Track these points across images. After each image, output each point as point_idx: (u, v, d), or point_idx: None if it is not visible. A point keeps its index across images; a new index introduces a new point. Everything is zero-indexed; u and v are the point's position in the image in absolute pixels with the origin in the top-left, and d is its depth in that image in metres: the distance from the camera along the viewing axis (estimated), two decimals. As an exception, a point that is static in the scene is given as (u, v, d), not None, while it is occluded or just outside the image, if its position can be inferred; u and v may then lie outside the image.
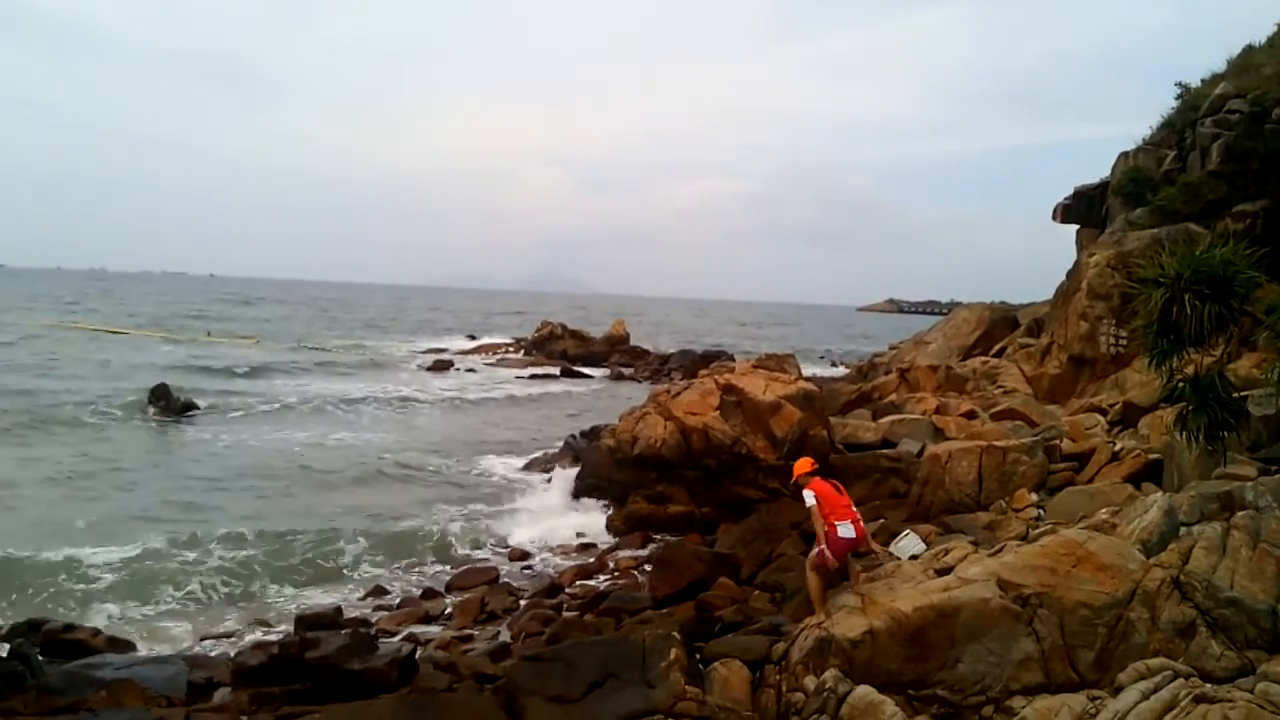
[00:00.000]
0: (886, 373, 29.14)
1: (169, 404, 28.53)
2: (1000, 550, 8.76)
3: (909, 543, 11.40)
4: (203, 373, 39.32)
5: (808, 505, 9.24)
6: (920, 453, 16.92)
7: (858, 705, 7.26)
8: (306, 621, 11.79)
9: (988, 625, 7.69)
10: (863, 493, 16.66)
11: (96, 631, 11.27)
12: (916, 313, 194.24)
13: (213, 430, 26.60)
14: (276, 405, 31.79)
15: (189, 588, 13.39)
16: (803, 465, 9.74)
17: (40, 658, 9.96)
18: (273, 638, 11.17)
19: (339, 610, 12.39)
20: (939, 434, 18.63)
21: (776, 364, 25.35)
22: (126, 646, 11.19)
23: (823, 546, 8.99)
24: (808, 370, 37.27)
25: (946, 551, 9.26)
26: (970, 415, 19.91)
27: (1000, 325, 32.57)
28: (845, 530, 9.04)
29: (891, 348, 43.26)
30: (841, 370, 50.65)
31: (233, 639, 11.73)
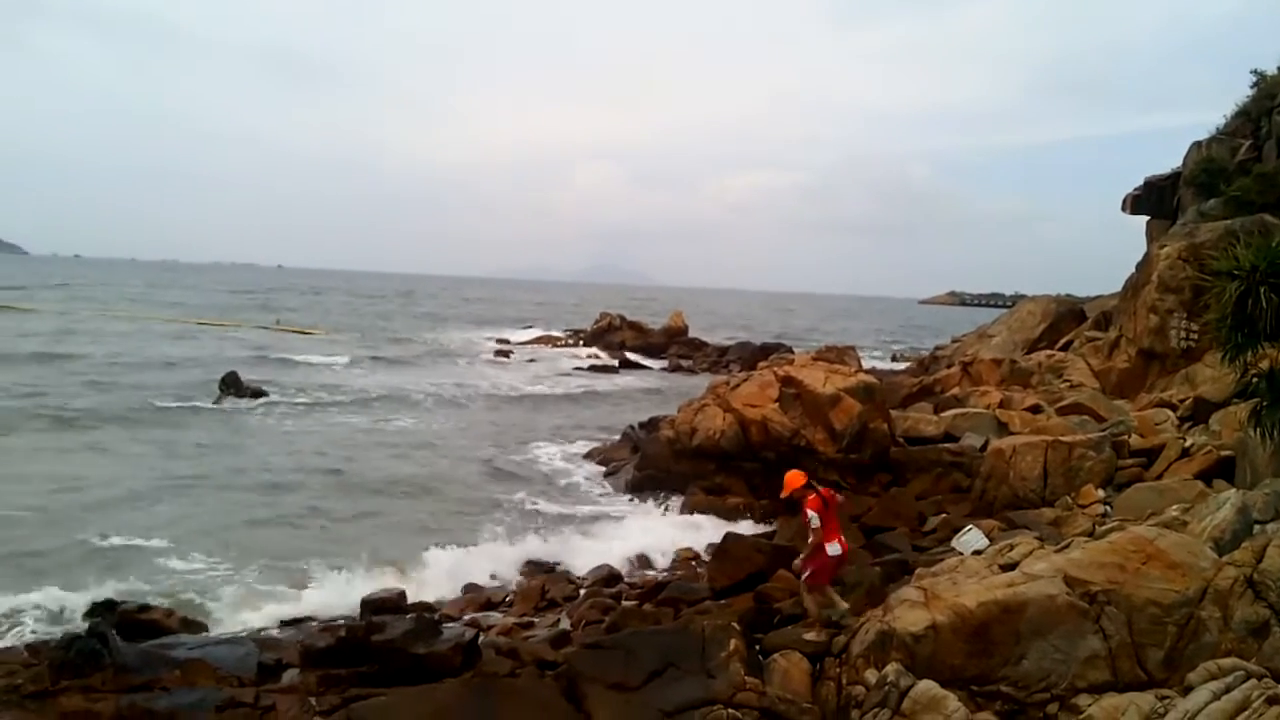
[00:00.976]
0: (949, 366, 28.80)
1: (239, 391, 29.27)
2: (1067, 546, 8.64)
3: (972, 538, 11.31)
4: (271, 361, 40.23)
5: (812, 525, 9.10)
6: (983, 447, 16.71)
7: (920, 700, 7.22)
8: (372, 605, 12.03)
9: (1054, 622, 7.59)
10: (924, 487, 16.54)
11: (170, 612, 11.58)
12: (979, 305, 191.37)
13: (280, 416, 27.25)
14: (341, 393, 32.39)
15: (261, 569, 13.71)
16: (797, 478, 9.47)
17: (117, 637, 10.32)
18: (340, 621, 11.42)
19: (403, 595, 12.62)
20: (1003, 428, 18.39)
21: (836, 356, 25.21)
22: (199, 627, 11.50)
23: (813, 568, 9.15)
24: (868, 363, 37.02)
25: (1011, 547, 9.16)
26: (1035, 410, 19.60)
27: (1066, 318, 31.93)
28: (833, 549, 9.14)
29: (953, 340, 42.64)
30: (902, 363, 50.12)
31: (303, 621, 11.98)
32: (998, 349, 30.67)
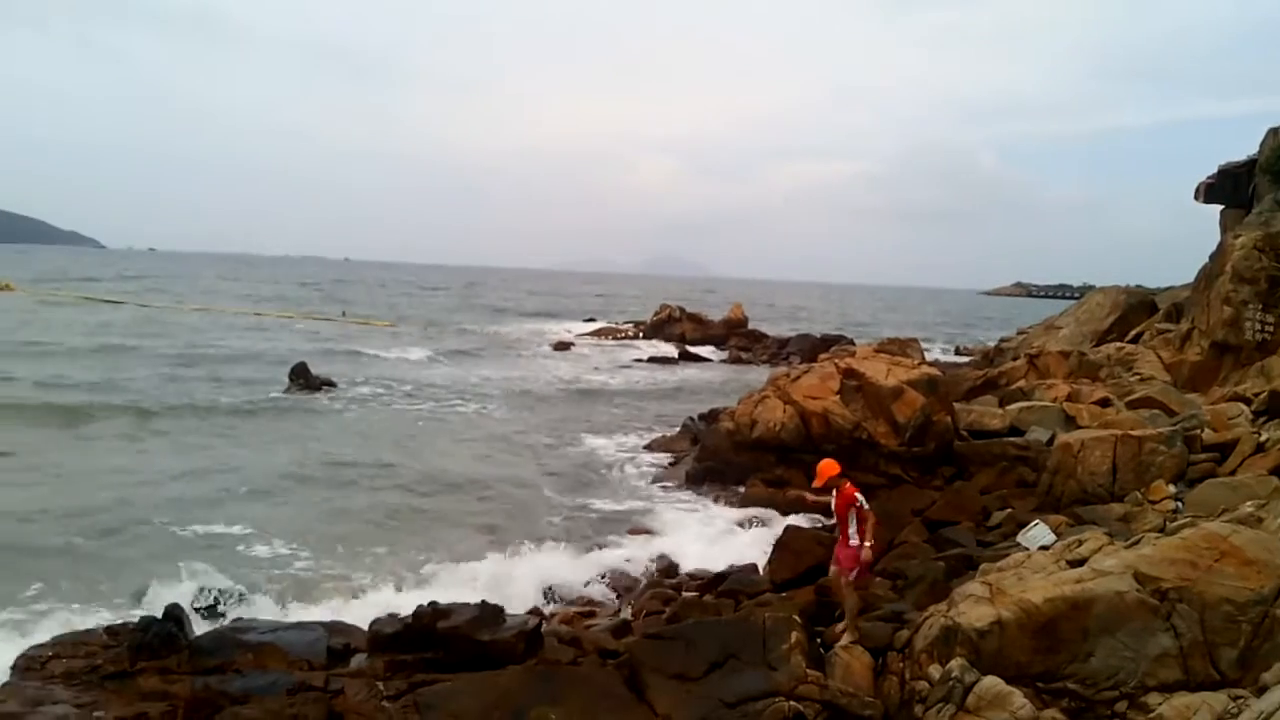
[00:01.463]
0: (1014, 358, 28.34)
1: (307, 381, 29.90)
2: (1137, 542, 8.48)
3: (1038, 533, 11.16)
4: (338, 353, 41.04)
5: (865, 509, 9.08)
6: (1050, 441, 16.44)
7: (985, 696, 7.15)
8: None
9: (1123, 619, 7.47)
10: (988, 481, 16.32)
11: (242, 596, 11.91)
12: (1046, 296, 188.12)
13: (347, 406, 27.84)
14: (406, 385, 32.94)
15: (332, 559, 14.03)
16: (833, 466, 9.45)
17: (191, 621, 10.64)
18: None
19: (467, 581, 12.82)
20: (1070, 422, 18.07)
21: (899, 348, 24.98)
22: (271, 612, 11.80)
23: (858, 565, 9.08)
24: (931, 355, 36.54)
25: (1079, 543, 9.01)
26: (1104, 403, 19.21)
27: (1137, 310, 31.22)
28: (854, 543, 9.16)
29: (1019, 332, 41.98)
30: (966, 356, 49.42)
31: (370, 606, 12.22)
32: (1065, 341, 30.14)
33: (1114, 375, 22.91)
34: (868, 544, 9.04)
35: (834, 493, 9.26)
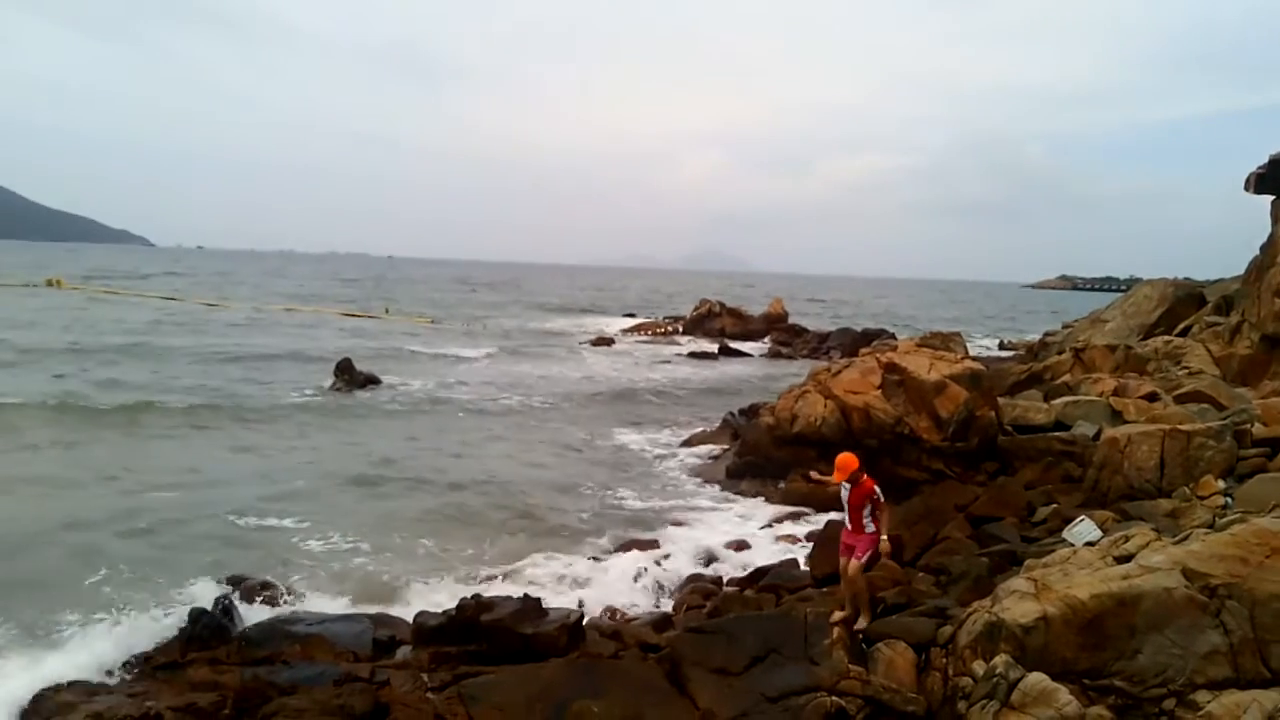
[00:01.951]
0: (1059, 352, 27.99)
1: (352, 377, 30.21)
2: (1186, 538, 8.36)
3: (1084, 529, 11.03)
4: (382, 350, 41.49)
5: (882, 501, 9.38)
6: (1096, 436, 16.23)
7: (1030, 692, 7.09)
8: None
9: (1171, 616, 7.37)
10: (1033, 476, 16.15)
11: (290, 589, 12.10)
12: (1092, 289, 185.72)
13: (391, 402, 28.11)
14: (449, 381, 33.30)
15: (375, 547, 14.23)
16: (854, 460, 9.63)
17: (240, 612, 10.84)
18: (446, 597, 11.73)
19: (508, 575, 12.94)
20: (1117, 417, 17.83)
21: (941, 342, 24.77)
22: (318, 604, 11.98)
23: (872, 553, 9.33)
24: (974, 349, 36.19)
25: (1126, 539, 8.88)
26: (1151, 397, 18.92)
27: (1185, 302, 30.67)
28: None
29: (1065, 326, 41.43)
30: (1010, 350, 48.86)
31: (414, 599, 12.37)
32: (1112, 335, 29.71)
33: (1162, 369, 22.55)
34: (884, 535, 9.36)
35: (849, 486, 9.48)
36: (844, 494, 9.54)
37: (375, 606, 11.88)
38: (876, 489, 9.37)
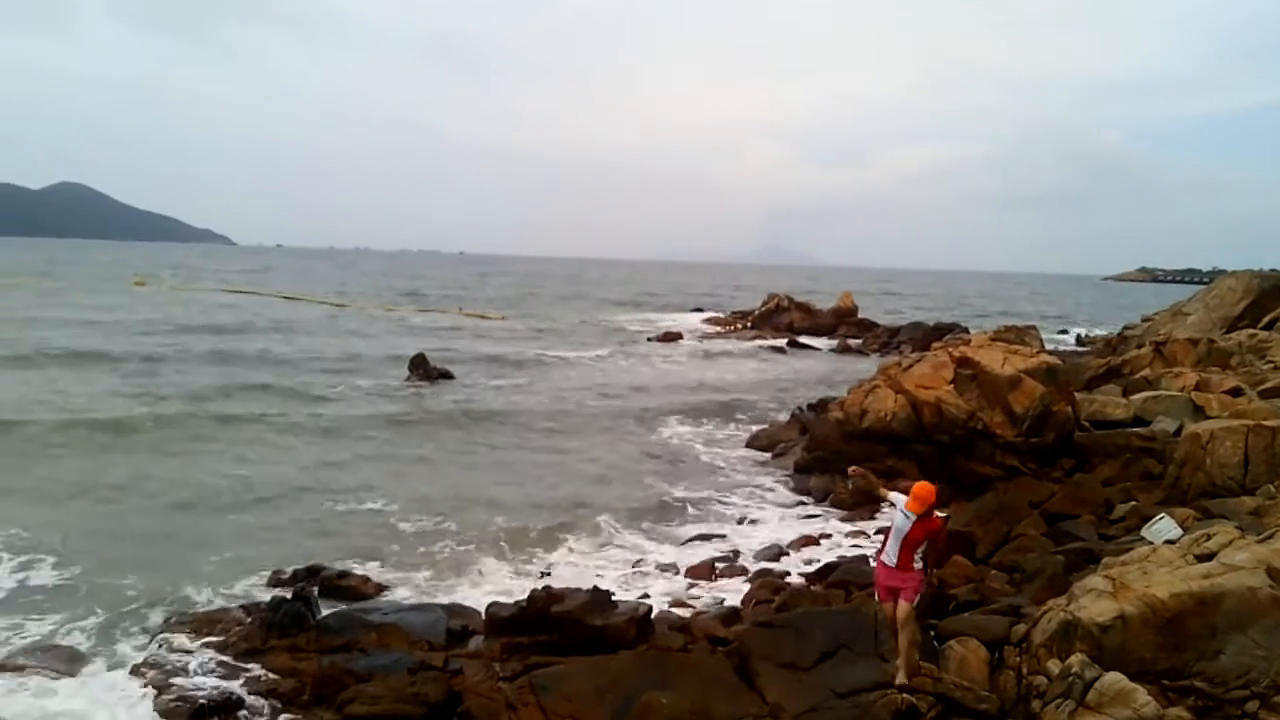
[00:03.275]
0: (1139, 346, 27.32)
1: (426, 372, 30.73)
2: (1270, 537, 8.13)
3: (1163, 526, 10.79)
4: (455, 344, 42.16)
5: (944, 537, 8.22)
6: (1177, 432, 15.83)
7: (1106, 692, 6.96)
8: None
9: (1255, 616, 7.18)
10: (1111, 473, 15.82)
11: (366, 579, 12.39)
12: (1173, 281, 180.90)
13: (465, 395, 28.58)
14: (521, 374, 33.85)
15: (450, 534, 14.53)
16: (934, 492, 8.15)
17: (319, 601, 11.13)
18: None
19: (578, 566, 13.10)
20: (1199, 412, 17.40)
21: (1016, 336, 24.32)
22: (393, 593, 12.25)
23: (920, 590, 8.12)
24: (1050, 343, 35.45)
25: (1208, 537, 8.66)
26: (1235, 392, 18.40)
27: (1271, 295, 29.73)
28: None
29: (1144, 319, 40.41)
30: (1088, 344, 47.76)
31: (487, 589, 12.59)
32: (1194, 328, 28.93)
33: (1246, 363, 21.92)
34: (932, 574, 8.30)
35: (913, 518, 8.03)
36: (904, 525, 8.05)
37: (447, 595, 12.12)
38: (946, 527, 8.22)
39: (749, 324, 59.12)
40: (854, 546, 14.72)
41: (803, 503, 17.64)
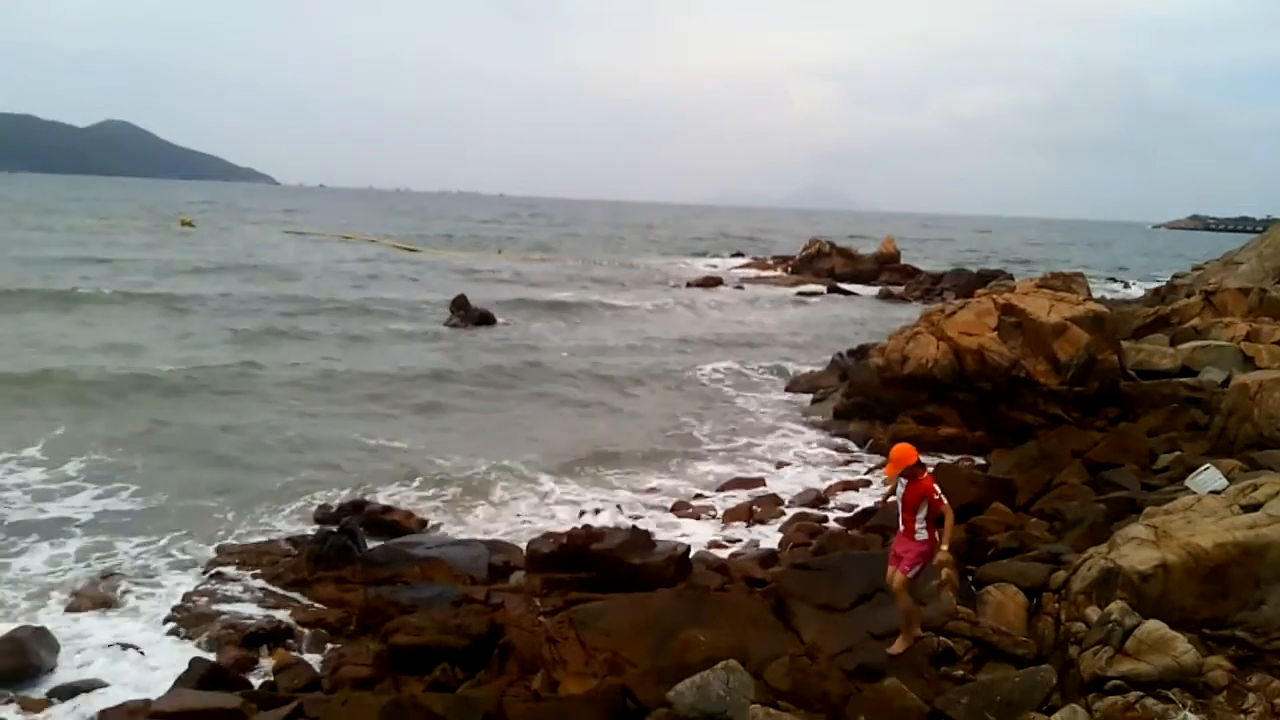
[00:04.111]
0: (1188, 295, 26.76)
1: (467, 314, 30.97)
2: (1319, 489, 8.00)
3: (1208, 477, 10.67)
4: (496, 286, 42.37)
5: (944, 504, 7.57)
6: (1226, 382, 15.57)
7: (1146, 640, 6.94)
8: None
9: (1300, 567, 7.10)
10: (1156, 423, 15.63)
11: (410, 514, 12.62)
12: (1225, 230, 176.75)
13: (506, 336, 28.92)
14: (561, 317, 34.05)
15: (494, 475, 14.75)
16: (913, 452, 7.71)
17: (364, 534, 11.37)
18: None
19: (617, 507, 13.24)
20: (1248, 363, 17.12)
21: (1062, 283, 23.92)
22: (436, 528, 12.48)
23: (921, 562, 7.66)
24: (1097, 292, 34.83)
25: (1255, 487, 8.54)
26: (1287, 343, 18.03)
27: (1329, 244, 28.91)
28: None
29: (1194, 268, 39.50)
30: (1136, 292, 46.90)
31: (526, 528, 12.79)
32: (1245, 277, 28.25)
33: (1300, 314, 21.39)
34: (944, 546, 7.57)
35: (905, 481, 7.74)
36: (899, 489, 7.84)
37: (489, 531, 12.34)
38: (937, 490, 7.66)
39: (789, 269, 58.67)
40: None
41: (842, 448, 17.64)
